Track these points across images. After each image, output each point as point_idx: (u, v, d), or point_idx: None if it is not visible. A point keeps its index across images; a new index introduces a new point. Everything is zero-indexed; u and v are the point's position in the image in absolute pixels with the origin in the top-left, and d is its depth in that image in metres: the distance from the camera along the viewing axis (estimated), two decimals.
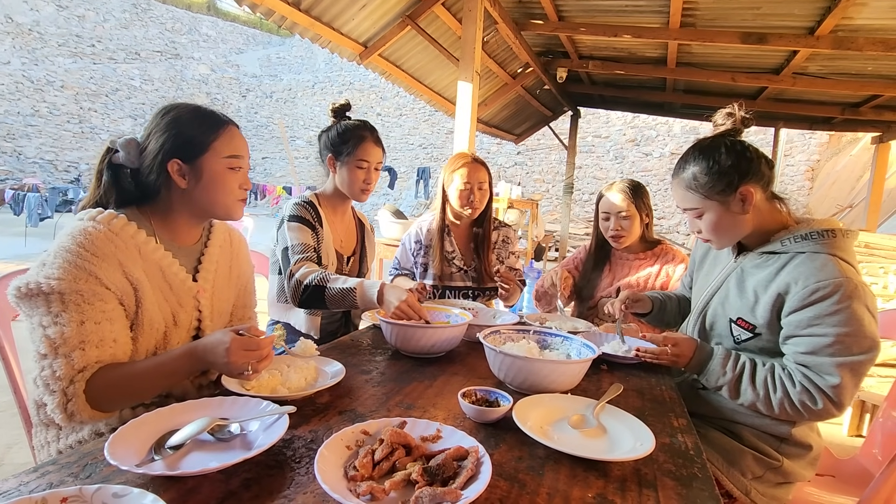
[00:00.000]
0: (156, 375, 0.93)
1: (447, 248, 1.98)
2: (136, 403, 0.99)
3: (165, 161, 1.04)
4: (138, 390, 0.94)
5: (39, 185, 11.24)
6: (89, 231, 0.95)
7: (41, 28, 17.32)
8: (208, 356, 0.90)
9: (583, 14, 4.01)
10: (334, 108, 1.70)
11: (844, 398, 1.02)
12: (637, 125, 13.09)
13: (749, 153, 1.14)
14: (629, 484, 0.74)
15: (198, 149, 1.05)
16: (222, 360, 0.88)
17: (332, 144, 1.65)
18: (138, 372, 0.93)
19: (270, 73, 21.53)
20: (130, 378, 0.92)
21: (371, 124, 1.71)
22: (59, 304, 0.89)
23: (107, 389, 0.90)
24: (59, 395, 0.87)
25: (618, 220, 1.85)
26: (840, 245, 1.09)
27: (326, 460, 0.69)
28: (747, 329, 1.17)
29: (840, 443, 2.65)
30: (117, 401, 0.93)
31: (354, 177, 1.63)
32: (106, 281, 0.93)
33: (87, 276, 0.91)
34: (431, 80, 4.84)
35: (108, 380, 0.90)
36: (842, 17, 3.30)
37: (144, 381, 0.93)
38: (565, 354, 1.20)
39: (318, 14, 3.24)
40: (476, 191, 1.89)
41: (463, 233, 2.02)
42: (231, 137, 1.09)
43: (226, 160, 1.08)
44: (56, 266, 0.90)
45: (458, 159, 1.94)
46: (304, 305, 1.45)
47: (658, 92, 5.94)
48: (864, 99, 5.14)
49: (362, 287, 1.36)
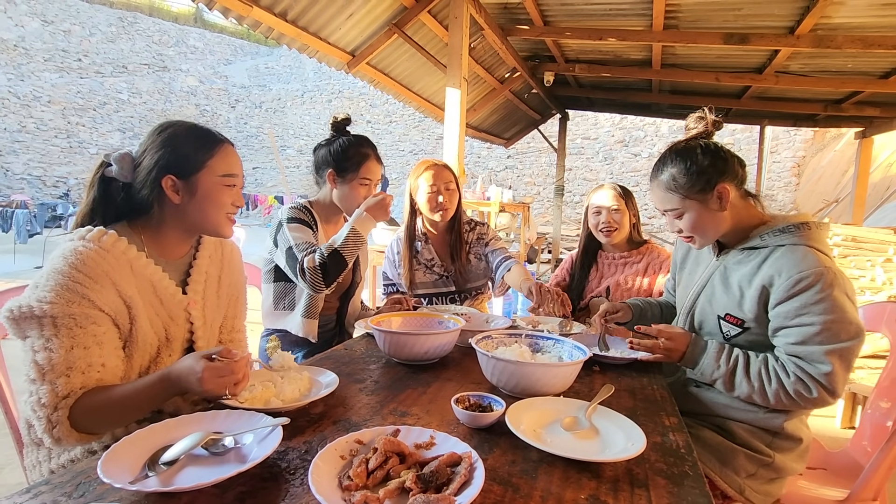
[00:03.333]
0: (134, 401, 0.92)
1: (426, 256, 1.99)
2: (120, 426, 0.98)
3: (160, 177, 1.04)
4: (119, 415, 0.94)
5: (28, 201, 11.15)
6: (80, 251, 0.95)
7: (26, 43, 17.24)
8: (181, 383, 0.90)
9: (568, 18, 4.06)
10: (335, 123, 1.71)
11: (837, 385, 1.04)
12: (625, 126, 13.21)
13: (724, 153, 1.18)
14: (621, 484, 0.75)
15: (193, 166, 1.06)
16: (197, 389, 0.88)
17: (335, 160, 1.66)
18: (117, 398, 0.92)
19: (259, 84, 21.53)
20: (110, 404, 0.92)
21: (371, 141, 1.73)
22: (52, 328, 0.89)
23: (89, 414, 0.90)
24: (44, 421, 0.88)
25: (609, 214, 1.89)
26: (815, 236, 1.13)
27: (320, 471, 0.69)
28: (736, 324, 1.19)
29: (833, 435, 2.68)
30: (101, 425, 0.93)
31: (357, 194, 1.66)
32: (99, 303, 0.93)
33: (79, 300, 0.91)
34: (420, 86, 4.87)
35: (90, 405, 0.90)
36: (820, 17, 3.37)
37: (124, 407, 0.92)
38: (557, 357, 1.21)
39: (305, 24, 3.26)
40: (444, 191, 1.89)
41: (440, 239, 2.03)
42: (226, 155, 1.11)
43: (221, 178, 1.09)
44: (48, 289, 0.90)
45: (420, 165, 1.95)
46: (331, 278, 1.50)
47: (644, 93, 6.00)
48: (845, 95, 5.22)
49: (355, 222, 1.52)
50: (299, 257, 1.50)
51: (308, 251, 1.51)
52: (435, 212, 1.90)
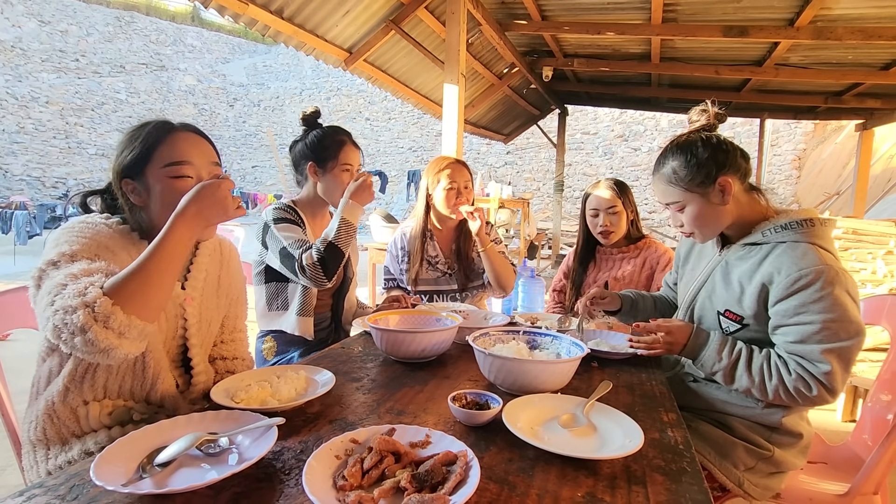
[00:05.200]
0: (159, 253, 0.86)
1: (430, 253, 1.98)
2: (161, 294, 0.88)
3: (119, 182, 1.03)
4: (152, 276, 0.85)
5: (27, 202, 11.15)
6: (88, 221, 0.97)
7: (24, 44, 17.20)
8: (196, 203, 0.91)
9: (566, 13, 4.04)
10: (305, 117, 1.69)
11: (837, 384, 1.03)
12: (625, 121, 13.17)
13: (725, 146, 1.17)
14: (619, 481, 0.75)
15: (141, 162, 1.01)
16: (215, 197, 0.91)
17: (313, 152, 1.64)
18: (141, 260, 0.85)
19: (257, 82, 21.48)
20: (137, 269, 0.84)
21: (344, 128, 1.72)
22: (69, 259, 0.89)
23: (121, 288, 0.82)
24: (81, 311, 0.77)
25: (607, 216, 1.88)
26: (819, 233, 1.11)
27: (315, 471, 0.69)
28: (735, 321, 1.18)
29: (834, 429, 2.68)
30: (138, 297, 0.83)
31: (340, 181, 1.63)
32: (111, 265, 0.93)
33: (94, 245, 0.93)
34: (418, 83, 4.85)
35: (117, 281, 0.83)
36: (820, 8, 3.35)
37: (152, 265, 0.85)
38: (555, 354, 1.21)
39: (302, 22, 3.24)
40: (462, 190, 1.91)
41: (446, 236, 2.02)
42: (174, 142, 1.02)
43: (165, 169, 1.00)
44: (62, 241, 0.91)
45: (441, 161, 1.94)
46: (332, 271, 1.48)
47: (644, 87, 5.98)
48: (846, 87, 5.20)
49: (343, 211, 1.50)
50: (296, 255, 1.49)
51: (304, 248, 1.50)
52: (452, 210, 1.90)
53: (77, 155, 16.74)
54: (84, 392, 0.98)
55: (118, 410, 1.02)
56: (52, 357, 0.99)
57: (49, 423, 0.98)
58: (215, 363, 1.25)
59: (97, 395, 1.00)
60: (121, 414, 1.02)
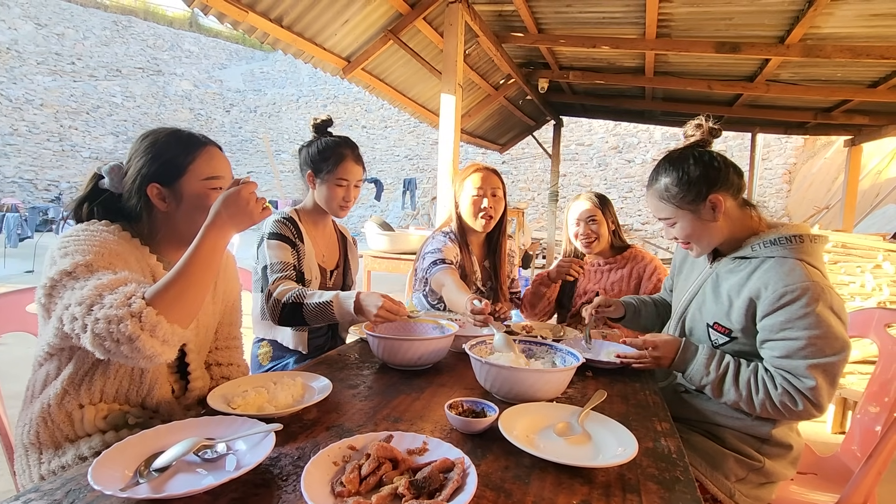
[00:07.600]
0: (194, 260, 0.89)
1: (467, 268, 1.83)
2: (199, 299, 0.92)
3: (144, 185, 1.04)
4: (191, 283, 0.89)
5: (19, 204, 11.06)
6: (91, 229, 0.97)
7: (19, 46, 17.15)
8: (224, 211, 0.93)
9: (562, 26, 4.10)
10: (316, 124, 1.70)
11: (822, 399, 1.05)
12: (619, 132, 13.32)
13: (717, 163, 1.18)
14: (613, 489, 0.76)
15: (176, 171, 1.05)
16: (238, 205, 0.93)
17: (312, 161, 1.64)
18: (178, 268, 0.88)
19: (254, 88, 21.52)
20: (175, 278, 0.87)
21: (352, 141, 1.70)
22: (87, 270, 0.88)
23: (161, 296, 0.85)
24: (129, 321, 0.80)
25: (587, 225, 1.92)
26: (808, 250, 1.12)
27: (313, 477, 0.69)
28: (724, 333, 1.19)
29: (824, 440, 2.70)
30: (178, 304, 0.87)
31: (333, 194, 1.63)
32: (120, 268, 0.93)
33: (107, 253, 0.93)
34: (415, 92, 4.89)
35: (157, 289, 0.86)
36: (810, 27, 3.42)
37: (191, 273, 0.89)
38: (551, 363, 1.22)
39: (301, 30, 3.27)
40: (489, 196, 1.80)
41: (477, 250, 1.91)
42: (210, 158, 1.09)
43: (205, 182, 1.07)
44: (72, 251, 0.91)
45: (468, 168, 1.86)
46: (283, 323, 1.44)
47: (638, 100, 6.06)
48: (835, 104, 5.29)
49: (338, 299, 1.34)
50: (270, 280, 1.48)
51: (281, 275, 1.48)
52: (477, 218, 1.80)
53: (70, 158, 16.64)
54: (81, 396, 0.98)
55: (113, 414, 1.01)
56: (50, 361, 0.99)
57: (43, 426, 0.97)
58: (211, 369, 1.25)
59: (93, 399, 1.00)
60: (116, 418, 1.02)
